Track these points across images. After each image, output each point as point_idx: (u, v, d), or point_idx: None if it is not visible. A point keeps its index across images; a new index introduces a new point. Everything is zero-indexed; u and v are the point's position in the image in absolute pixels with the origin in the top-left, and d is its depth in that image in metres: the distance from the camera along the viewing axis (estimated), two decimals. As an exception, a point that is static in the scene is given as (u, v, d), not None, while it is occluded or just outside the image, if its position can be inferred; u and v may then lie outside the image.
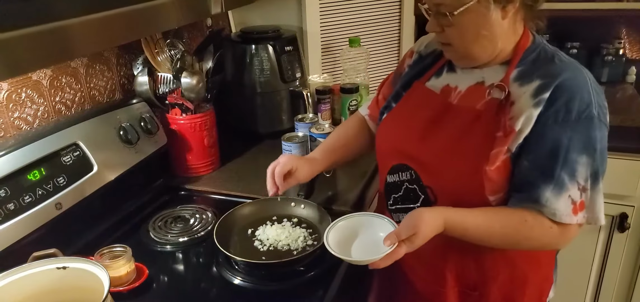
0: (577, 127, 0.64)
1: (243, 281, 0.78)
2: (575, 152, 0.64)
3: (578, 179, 0.65)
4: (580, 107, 0.64)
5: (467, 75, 0.75)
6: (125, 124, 0.98)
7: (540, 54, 0.70)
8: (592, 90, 0.66)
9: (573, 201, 0.66)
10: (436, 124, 0.75)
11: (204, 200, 1.06)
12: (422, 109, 0.78)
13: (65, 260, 0.65)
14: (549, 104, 0.65)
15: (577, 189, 0.65)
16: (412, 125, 0.78)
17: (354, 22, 1.52)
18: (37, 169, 0.81)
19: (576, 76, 0.66)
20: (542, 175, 0.66)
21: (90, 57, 1.02)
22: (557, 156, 0.65)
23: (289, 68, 1.29)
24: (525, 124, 0.66)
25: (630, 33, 1.65)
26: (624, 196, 1.31)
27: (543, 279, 0.82)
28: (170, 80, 1.08)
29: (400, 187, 0.79)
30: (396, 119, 0.83)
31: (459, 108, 0.74)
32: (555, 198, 0.65)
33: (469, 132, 0.71)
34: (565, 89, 0.65)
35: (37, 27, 0.57)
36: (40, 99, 0.92)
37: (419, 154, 0.76)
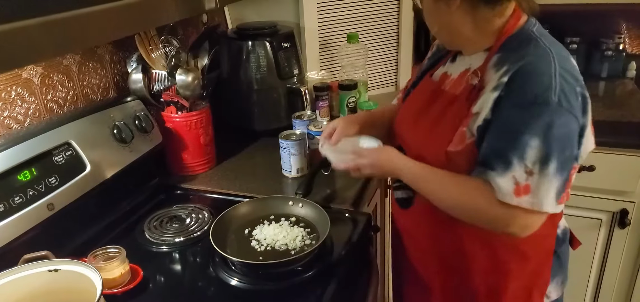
0: (532, 110, 0.64)
1: (240, 282, 0.77)
2: (527, 135, 0.64)
3: (526, 161, 0.65)
4: (537, 91, 0.64)
5: (460, 63, 0.79)
6: (119, 122, 0.96)
7: (521, 41, 0.70)
8: (555, 76, 0.65)
9: (517, 182, 0.66)
10: (424, 109, 0.80)
11: (200, 199, 1.05)
12: (420, 96, 0.84)
13: (56, 262, 0.64)
14: (507, 87, 0.66)
15: (524, 171, 0.66)
16: (409, 111, 0.86)
17: (352, 18, 1.50)
18: (27, 169, 0.79)
19: (539, 61, 0.66)
20: (494, 153, 0.68)
21: (83, 54, 1.00)
22: (508, 136, 0.66)
23: (286, 65, 1.28)
24: (482, 106, 0.69)
25: (630, 28, 1.64)
26: (625, 192, 1.31)
27: (532, 275, 0.80)
28: (165, 78, 1.07)
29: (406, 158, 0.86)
30: (405, 106, 0.90)
31: (444, 93, 0.78)
32: (500, 176, 0.67)
33: (443, 116, 0.75)
34: (524, 73, 0.66)
35: (27, 20, 0.55)
36: (31, 97, 0.90)
37: (407, 136, 0.84)
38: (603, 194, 1.33)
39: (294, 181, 1.07)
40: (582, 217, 1.37)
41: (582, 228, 1.38)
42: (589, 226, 1.38)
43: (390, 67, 1.64)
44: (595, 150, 1.28)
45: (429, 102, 0.80)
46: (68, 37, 0.63)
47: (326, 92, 1.33)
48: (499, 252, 0.77)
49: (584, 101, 0.68)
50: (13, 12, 0.53)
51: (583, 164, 1.32)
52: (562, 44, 0.72)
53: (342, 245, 0.84)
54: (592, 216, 1.37)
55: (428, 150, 0.77)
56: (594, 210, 1.36)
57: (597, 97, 1.54)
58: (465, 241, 0.78)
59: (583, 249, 1.42)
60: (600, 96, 1.55)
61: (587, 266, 1.43)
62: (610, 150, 1.28)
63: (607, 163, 1.30)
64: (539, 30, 0.72)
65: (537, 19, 0.75)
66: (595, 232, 1.39)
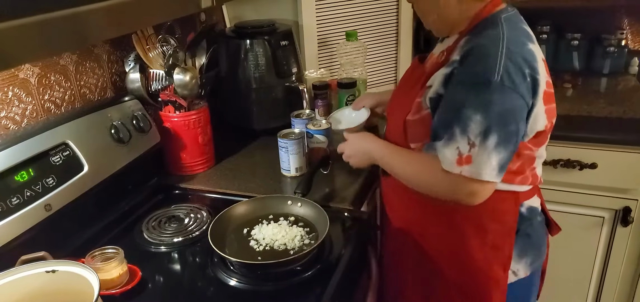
0: (475, 88, 0.71)
1: (239, 282, 0.77)
2: (470, 110, 0.71)
3: (469, 134, 0.71)
4: (481, 71, 0.71)
5: (441, 44, 0.86)
6: (117, 122, 0.96)
7: (487, 25, 0.75)
8: (500, 58, 0.70)
9: (460, 153, 0.72)
10: (401, 86, 0.92)
11: (199, 199, 1.04)
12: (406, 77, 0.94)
13: (54, 263, 0.64)
14: (459, 66, 0.73)
15: (467, 143, 0.72)
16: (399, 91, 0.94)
17: (351, 15, 1.49)
18: (25, 170, 0.79)
19: (489, 43, 0.72)
20: (441, 125, 0.75)
21: (80, 54, 1.00)
22: (453, 110, 0.73)
23: (285, 63, 1.27)
24: (433, 80, 0.77)
25: (632, 23, 1.62)
26: (627, 190, 1.30)
27: (493, 248, 0.84)
28: (163, 77, 1.06)
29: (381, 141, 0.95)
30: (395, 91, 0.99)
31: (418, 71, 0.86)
32: (445, 147, 0.74)
33: (407, 90, 0.85)
34: (473, 53, 0.72)
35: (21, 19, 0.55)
36: (28, 97, 0.89)
37: (388, 112, 0.94)
38: (605, 192, 1.32)
39: (292, 180, 1.07)
40: (584, 215, 1.36)
41: (584, 226, 1.37)
42: (591, 224, 1.37)
43: (390, 64, 1.63)
44: (597, 147, 1.29)
45: (407, 80, 0.90)
46: (64, 36, 0.63)
47: (325, 90, 1.32)
48: (458, 222, 0.84)
49: (534, 83, 0.72)
50: (7, 11, 0.53)
51: (584, 162, 1.31)
52: (531, 32, 0.77)
53: (341, 244, 0.84)
54: (594, 214, 1.36)
55: (392, 119, 0.89)
56: (596, 208, 1.35)
57: (599, 93, 1.53)
58: (429, 210, 0.86)
59: (585, 247, 1.42)
60: (602, 93, 1.54)
61: (590, 264, 1.43)
62: (613, 147, 1.27)
63: (609, 160, 1.28)
64: (508, 17, 0.76)
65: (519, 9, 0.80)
66: (597, 231, 1.38)
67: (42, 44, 0.60)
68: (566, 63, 1.65)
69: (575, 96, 1.47)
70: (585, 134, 1.29)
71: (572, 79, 1.60)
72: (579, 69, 1.65)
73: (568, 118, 1.35)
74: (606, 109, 1.37)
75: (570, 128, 1.30)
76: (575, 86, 1.56)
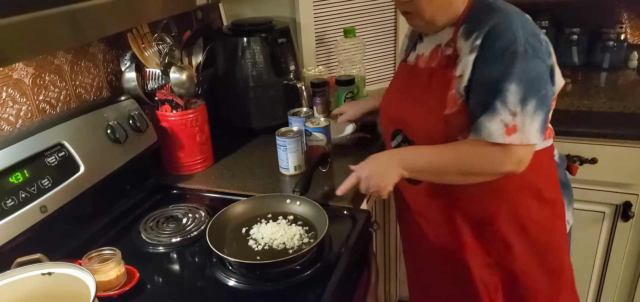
0: (505, 61, 0.75)
1: (238, 282, 0.76)
2: (505, 83, 0.75)
3: (509, 105, 0.75)
4: (506, 45, 0.75)
5: (430, 42, 0.88)
6: (113, 122, 0.95)
7: (484, 11, 0.81)
8: (518, 30, 0.76)
9: (506, 124, 0.76)
10: (410, 87, 0.90)
11: (197, 199, 1.04)
12: (402, 79, 0.95)
13: (50, 265, 0.63)
14: (482, 49, 0.77)
15: (509, 113, 0.75)
16: (397, 94, 0.95)
17: (349, 12, 1.48)
18: (19, 171, 0.78)
19: (503, 20, 0.77)
20: (481, 107, 0.77)
21: (75, 53, 0.99)
22: (490, 88, 0.76)
23: (283, 61, 1.26)
24: (463, 68, 0.79)
25: (631, 17, 1.62)
26: (628, 184, 1.29)
27: (550, 204, 0.91)
28: (159, 76, 1.05)
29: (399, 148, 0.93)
30: (388, 94, 1.00)
31: (422, 70, 0.88)
32: (489, 122, 0.76)
33: (428, 88, 0.85)
34: (492, 33, 0.77)
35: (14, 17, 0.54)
36: (22, 98, 0.88)
37: (400, 116, 0.92)
38: (606, 187, 1.31)
39: (291, 178, 1.06)
40: (585, 210, 1.36)
41: (585, 221, 1.36)
42: (592, 219, 1.37)
43: (388, 61, 1.62)
44: (597, 142, 1.28)
45: (410, 81, 0.90)
46: (57, 34, 0.62)
47: (323, 88, 1.32)
48: (513, 195, 0.86)
49: (547, 45, 0.80)
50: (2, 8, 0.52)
51: (584, 157, 1.30)
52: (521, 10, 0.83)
53: (341, 243, 0.83)
54: (595, 209, 1.36)
55: (422, 118, 0.86)
56: (596, 203, 1.35)
57: (598, 88, 1.52)
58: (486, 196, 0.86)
59: (586, 242, 1.41)
60: (602, 87, 1.53)
61: (591, 259, 1.42)
62: (613, 142, 1.27)
63: (609, 155, 1.28)
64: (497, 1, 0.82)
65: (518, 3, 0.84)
66: (598, 225, 1.37)
67: (34, 42, 0.59)
68: (566, 58, 1.64)
69: (575, 91, 1.47)
70: (585, 129, 1.29)
71: (572, 74, 1.59)
72: (579, 63, 1.65)
73: (568, 113, 1.35)
74: (606, 104, 1.37)
75: (570, 123, 1.29)
76: (575, 81, 1.56)
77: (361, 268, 0.90)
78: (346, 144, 1.20)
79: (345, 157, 1.13)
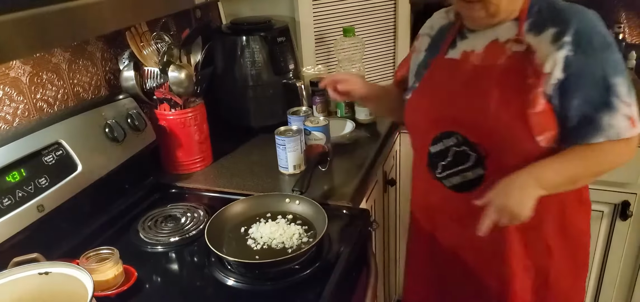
0: (606, 56, 0.74)
1: (236, 282, 0.76)
2: (613, 77, 0.74)
3: (622, 98, 0.74)
4: (601, 39, 0.74)
5: (480, 37, 0.83)
6: (111, 120, 0.94)
7: (541, 5, 0.79)
8: (600, 22, 0.76)
9: (628, 116, 0.75)
10: (469, 85, 0.82)
11: (196, 198, 1.03)
12: (450, 77, 0.85)
13: (47, 265, 0.63)
14: (576, 46, 0.74)
15: (626, 106, 0.75)
16: (446, 93, 0.84)
17: (348, 11, 1.48)
18: (16, 170, 0.77)
19: (586, 16, 0.76)
20: (595, 106, 0.75)
21: (73, 52, 0.98)
22: (600, 85, 0.74)
23: (282, 60, 1.26)
24: (554, 67, 0.75)
25: (630, 17, 1.62)
26: (626, 183, 1.29)
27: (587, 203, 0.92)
28: (158, 75, 1.05)
29: (446, 153, 0.85)
30: (425, 95, 0.89)
31: (484, 67, 0.81)
32: (613, 120, 0.74)
33: (502, 85, 0.78)
34: (583, 30, 0.74)
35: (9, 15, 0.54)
36: (19, 96, 0.88)
37: (461, 117, 0.82)
38: (604, 186, 1.32)
39: (290, 177, 1.05)
40: (583, 209, 1.36)
41: (583, 220, 1.36)
42: (591, 217, 1.37)
43: (388, 60, 1.62)
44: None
45: (468, 79, 0.82)
46: (54, 31, 0.61)
47: (323, 87, 1.31)
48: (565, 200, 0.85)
49: None
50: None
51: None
52: None
53: (340, 242, 0.83)
54: (593, 208, 1.35)
55: (498, 119, 0.78)
56: (595, 202, 1.33)
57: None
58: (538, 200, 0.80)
59: (584, 242, 1.42)
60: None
61: (589, 257, 1.42)
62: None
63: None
64: None
65: None
66: (596, 224, 1.37)
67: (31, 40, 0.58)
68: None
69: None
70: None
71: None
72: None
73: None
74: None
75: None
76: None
77: (360, 267, 0.89)
78: (345, 142, 1.20)
79: (344, 156, 1.13)
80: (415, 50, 0.95)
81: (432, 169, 0.88)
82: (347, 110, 1.34)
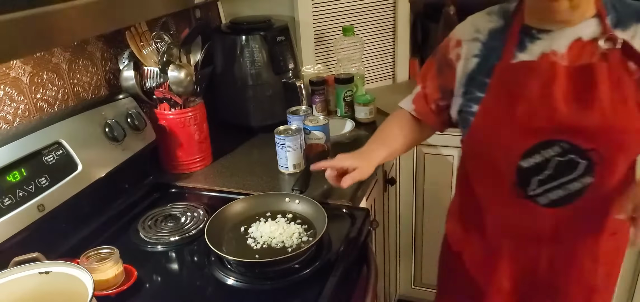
0: None
1: (236, 281, 0.76)
2: None
3: None
4: None
5: (559, 37, 0.75)
6: (111, 120, 0.95)
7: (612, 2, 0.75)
8: None
9: None
10: (570, 89, 0.73)
11: (196, 197, 1.03)
12: (533, 82, 0.75)
13: (47, 264, 0.63)
14: None
15: None
16: (536, 100, 0.74)
17: (347, 11, 1.48)
18: (17, 170, 0.77)
19: None
20: None
21: (73, 52, 0.99)
22: None
23: (281, 59, 1.26)
24: None
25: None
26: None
27: None
28: (157, 74, 1.05)
29: (545, 166, 0.76)
30: (504, 104, 0.77)
31: (581, 68, 0.73)
32: None
33: (611, 84, 0.72)
34: None
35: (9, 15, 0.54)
36: (20, 96, 0.88)
37: (568, 123, 0.73)
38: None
39: (290, 177, 1.06)
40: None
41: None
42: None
43: (387, 60, 1.62)
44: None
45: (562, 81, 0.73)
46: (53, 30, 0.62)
47: (322, 86, 1.32)
48: None
49: None
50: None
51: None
52: None
53: (340, 241, 0.83)
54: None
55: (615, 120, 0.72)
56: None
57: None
58: None
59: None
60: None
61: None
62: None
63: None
64: None
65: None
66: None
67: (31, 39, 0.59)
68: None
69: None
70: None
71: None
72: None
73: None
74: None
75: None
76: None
77: (360, 267, 0.90)
78: (345, 141, 1.20)
79: (344, 156, 1.13)
80: (459, 58, 0.82)
81: (522, 186, 0.77)
82: (346, 109, 1.34)
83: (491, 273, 0.88)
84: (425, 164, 1.43)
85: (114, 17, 0.66)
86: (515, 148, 0.76)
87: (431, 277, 1.59)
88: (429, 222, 1.50)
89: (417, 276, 1.61)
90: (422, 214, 1.50)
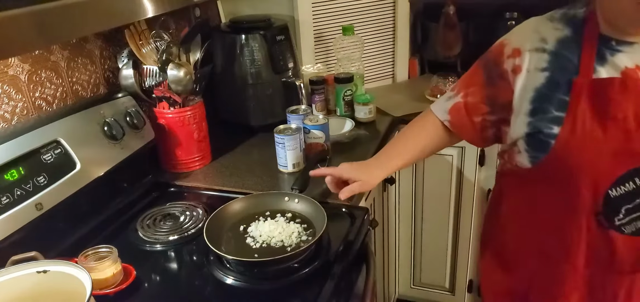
0: None
1: (236, 280, 0.76)
2: None
3: None
4: None
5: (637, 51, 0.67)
6: (110, 119, 0.94)
7: None
8: None
9: None
10: None
11: (195, 196, 1.03)
12: (625, 101, 0.67)
13: (45, 263, 0.63)
14: None
15: None
16: (631, 121, 0.67)
17: (347, 10, 1.48)
18: (15, 169, 0.77)
19: None
20: None
21: (72, 50, 0.98)
22: None
23: (281, 58, 1.26)
24: None
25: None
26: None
27: None
28: (157, 73, 1.04)
29: (636, 194, 0.69)
30: (591, 127, 0.68)
31: None
32: None
33: None
34: None
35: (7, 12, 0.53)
36: (18, 95, 0.87)
37: None
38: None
39: (290, 176, 1.05)
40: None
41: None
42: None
43: (387, 59, 1.62)
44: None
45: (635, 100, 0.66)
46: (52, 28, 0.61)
47: (322, 85, 1.31)
48: None
49: None
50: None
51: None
52: None
53: (339, 241, 0.83)
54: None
55: None
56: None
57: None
58: None
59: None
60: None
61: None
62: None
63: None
64: None
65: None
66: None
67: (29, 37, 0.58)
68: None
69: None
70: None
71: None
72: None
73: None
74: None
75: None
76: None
77: (359, 266, 0.89)
78: (345, 141, 1.20)
79: (343, 155, 1.13)
80: (518, 70, 0.73)
81: (609, 215, 0.70)
82: (346, 108, 1.34)
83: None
84: (425, 164, 1.43)
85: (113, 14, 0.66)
86: (606, 175, 0.69)
87: (430, 277, 1.59)
88: (428, 222, 1.50)
89: (416, 275, 1.61)
90: (421, 214, 1.50)
